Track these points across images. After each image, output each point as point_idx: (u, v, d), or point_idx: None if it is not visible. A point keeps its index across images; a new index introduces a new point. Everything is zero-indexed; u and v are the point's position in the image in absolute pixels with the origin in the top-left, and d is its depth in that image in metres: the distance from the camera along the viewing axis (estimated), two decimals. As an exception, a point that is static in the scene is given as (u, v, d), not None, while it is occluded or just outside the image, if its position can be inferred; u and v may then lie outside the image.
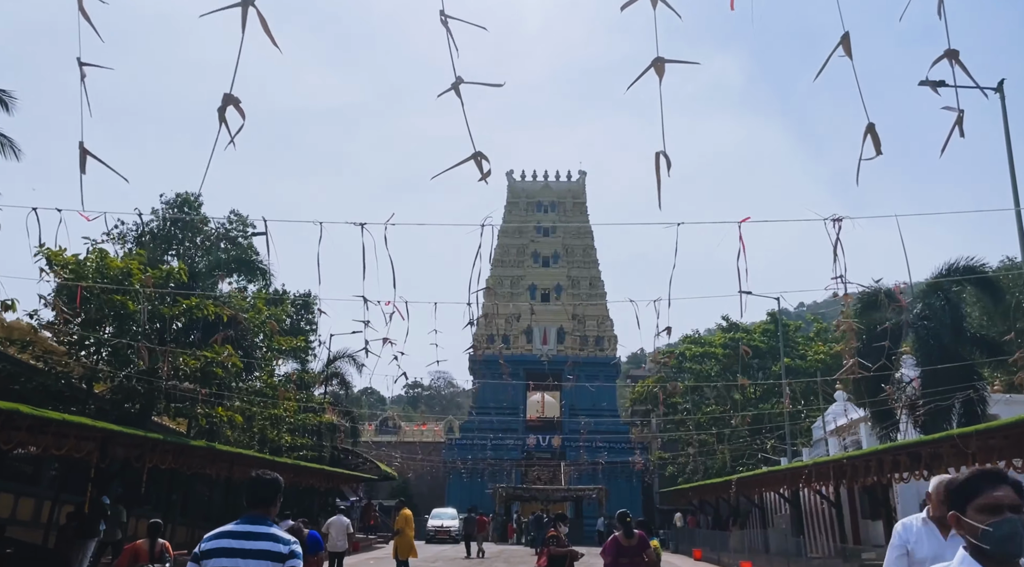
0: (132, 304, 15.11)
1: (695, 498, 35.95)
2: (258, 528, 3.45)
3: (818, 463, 16.02)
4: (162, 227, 35.07)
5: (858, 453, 14.84)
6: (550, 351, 56.25)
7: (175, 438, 15.60)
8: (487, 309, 59.15)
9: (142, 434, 13.68)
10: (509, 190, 64.56)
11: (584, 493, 40.49)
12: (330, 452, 31.42)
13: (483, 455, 49.29)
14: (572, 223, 61.62)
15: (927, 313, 19.26)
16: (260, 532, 3.43)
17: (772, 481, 20.80)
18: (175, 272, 16.53)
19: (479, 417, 52.54)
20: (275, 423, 23.37)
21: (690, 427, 39.26)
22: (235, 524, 3.49)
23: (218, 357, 16.17)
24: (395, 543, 15.59)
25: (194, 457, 16.46)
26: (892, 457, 14.40)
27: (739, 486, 23.20)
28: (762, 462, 31.67)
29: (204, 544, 3.43)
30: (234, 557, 3.33)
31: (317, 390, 33.56)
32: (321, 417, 27.84)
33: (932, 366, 18.18)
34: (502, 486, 41.70)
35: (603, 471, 46.81)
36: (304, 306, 39.74)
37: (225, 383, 17.39)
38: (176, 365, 15.74)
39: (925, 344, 18.87)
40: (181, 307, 16.25)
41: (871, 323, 19.92)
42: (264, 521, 3.50)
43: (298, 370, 29.73)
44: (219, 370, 16.19)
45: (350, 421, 35.87)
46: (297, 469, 24.00)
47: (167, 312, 16.06)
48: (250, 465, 20.34)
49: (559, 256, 60.41)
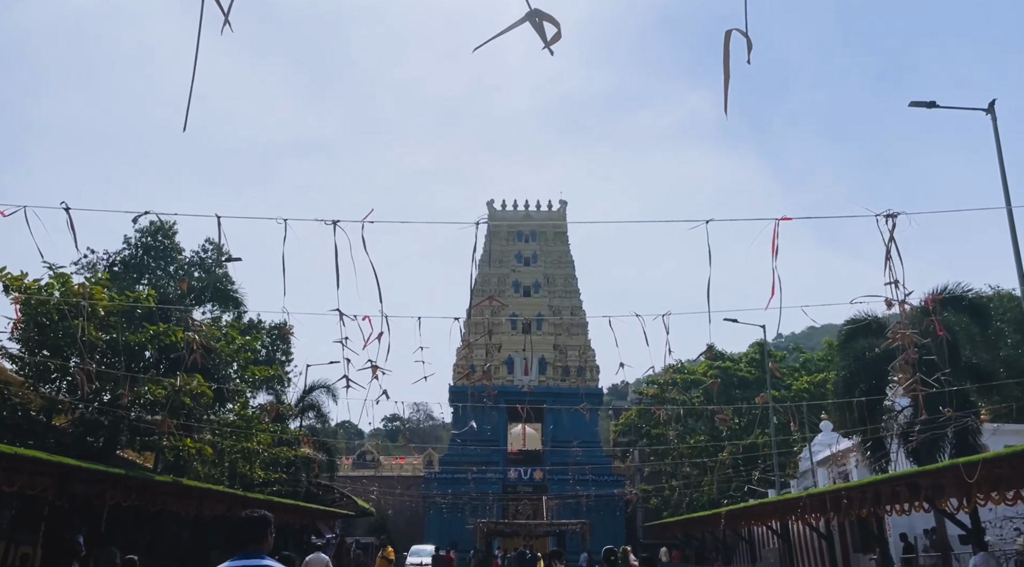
0: (94, 331, 14.31)
1: (680, 532, 35.17)
2: (254, 562, 3.53)
3: (812, 494, 15.49)
4: (134, 255, 34.16)
5: (855, 484, 14.34)
6: (531, 381, 55.45)
7: (138, 473, 14.71)
8: (467, 339, 58.60)
9: (102, 469, 12.82)
10: (489, 219, 64.36)
11: (567, 527, 39.50)
12: (305, 487, 30.32)
13: (463, 489, 48.17)
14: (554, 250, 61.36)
15: (917, 339, 18.93)
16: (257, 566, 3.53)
17: (763, 513, 20.21)
18: (143, 298, 15.77)
19: (459, 449, 51.47)
20: (247, 457, 22.39)
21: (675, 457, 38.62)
22: (232, 561, 3.56)
23: (187, 385, 15.36)
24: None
25: (159, 493, 15.55)
26: (890, 488, 13.92)
27: (728, 519, 22.57)
28: (748, 495, 31.06)
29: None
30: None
31: (293, 423, 32.54)
32: (296, 451, 26.86)
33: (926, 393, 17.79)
34: (483, 521, 40.59)
35: (586, 504, 45.88)
36: (279, 336, 38.84)
37: (194, 413, 16.53)
38: (140, 394, 14.90)
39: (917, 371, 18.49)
40: (148, 334, 15.46)
41: (859, 350, 19.59)
42: (259, 555, 3.60)
43: (272, 401, 28.78)
44: (187, 399, 15.36)
45: (327, 454, 34.77)
46: (270, 505, 22.96)
47: (133, 339, 15.27)
48: (220, 501, 19.40)
49: (540, 286, 60.01)
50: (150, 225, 36.54)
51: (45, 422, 15.52)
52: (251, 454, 22.94)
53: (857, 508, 15.91)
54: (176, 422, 15.51)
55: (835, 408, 20.14)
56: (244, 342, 26.08)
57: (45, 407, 15.41)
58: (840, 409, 19.20)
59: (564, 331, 58.74)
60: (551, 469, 49.85)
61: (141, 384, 15.02)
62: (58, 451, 15.07)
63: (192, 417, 16.59)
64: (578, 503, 45.88)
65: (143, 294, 15.56)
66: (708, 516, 25.47)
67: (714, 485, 33.19)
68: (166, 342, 15.77)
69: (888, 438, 18.33)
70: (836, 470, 24.01)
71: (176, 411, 15.37)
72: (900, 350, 15.33)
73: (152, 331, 15.56)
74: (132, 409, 14.73)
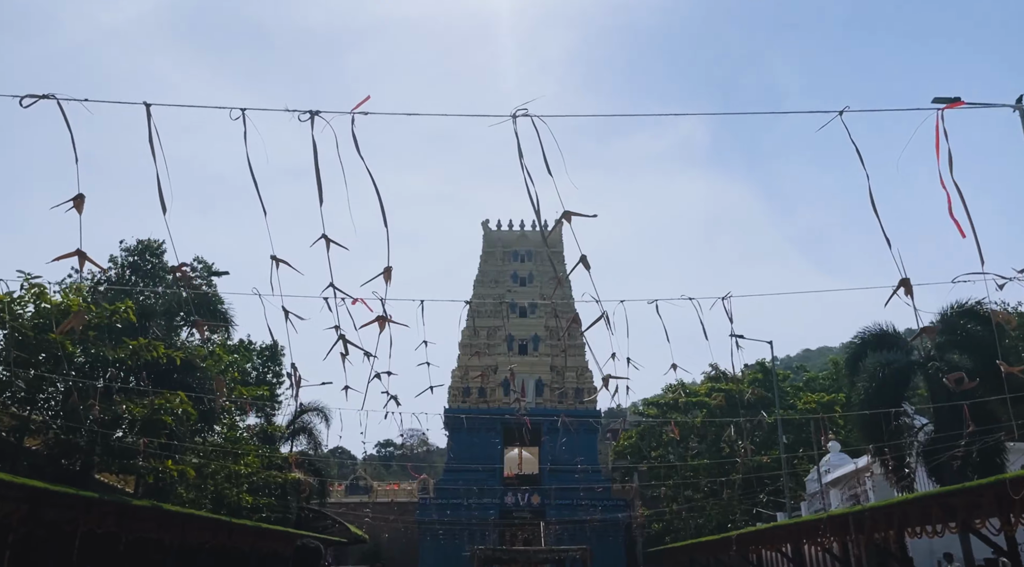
0: (71, 346, 13.39)
1: (685, 558, 33.98)
2: None
3: (834, 516, 14.58)
4: (121, 275, 33.25)
5: (882, 504, 13.43)
6: (528, 404, 54.31)
7: (114, 497, 13.68)
8: (462, 361, 57.53)
9: (73, 492, 11.82)
10: (485, 240, 63.57)
11: (567, 554, 38.22)
12: (296, 513, 29.14)
13: (459, 515, 46.83)
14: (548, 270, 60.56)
15: (935, 353, 18.13)
16: None
17: (776, 537, 19.23)
18: (121, 310, 14.85)
19: (453, 475, 50.17)
20: (234, 480, 21.32)
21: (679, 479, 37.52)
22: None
23: (168, 404, 14.39)
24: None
25: (137, 519, 14.50)
26: (920, 508, 13.00)
27: (739, 543, 21.54)
28: (755, 518, 30.01)
29: None
30: None
31: (283, 446, 31.44)
32: (286, 474, 25.76)
33: (946, 410, 16.95)
34: (480, 547, 39.27)
35: (584, 529, 44.60)
36: (271, 357, 37.80)
37: (177, 434, 15.55)
38: (117, 413, 13.92)
39: (937, 386, 17.68)
40: (127, 349, 14.52)
41: (875, 366, 18.75)
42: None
43: (262, 424, 27.71)
44: (168, 418, 14.38)
45: (318, 478, 33.59)
46: (258, 532, 21.86)
47: (111, 355, 14.33)
48: (204, 528, 18.31)
49: (536, 306, 59.10)
50: (137, 244, 35.64)
51: (16, 444, 14.50)
52: (238, 478, 21.88)
53: (883, 530, 15.00)
54: (158, 441, 14.51)
55: (852, 426, 19.24)
56: (232, 361, 25.12)
57: (16, 427, 14.41)
58: (856, 427, 18.30)
59: (561, 352, 57.72)
60: (549, 493, 48.57)
61: (118, 402, 14.05)
62: (31, 475, 14.07)
63: (175, 438, 15.60)
64: (577, 528, 44.60)
65: (119, 306, 14.62)
66: (717, 541, 24.43)
67: (721, 509, 32.10)
68: (147, 358, 14.83)
69: (910, 456, 17.44)
70: (849, 491, 23.05)
71: (156, 431, 14.38)
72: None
73: (132, 346, 14.62)
74: (103, 425, 13.71)
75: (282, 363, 36.97)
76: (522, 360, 56.43)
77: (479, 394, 55.51)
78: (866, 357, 18.48)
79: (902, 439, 17.26)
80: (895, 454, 17.31)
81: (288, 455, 28.10)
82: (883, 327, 18.81)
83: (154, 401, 14.24)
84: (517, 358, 56.51)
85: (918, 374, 17.80)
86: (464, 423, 52.55)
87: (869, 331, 18.87)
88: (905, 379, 17.49)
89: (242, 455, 21.32)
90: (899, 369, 17.44)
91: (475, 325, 58.50)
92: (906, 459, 17.48)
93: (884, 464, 17.46)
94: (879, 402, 17.81)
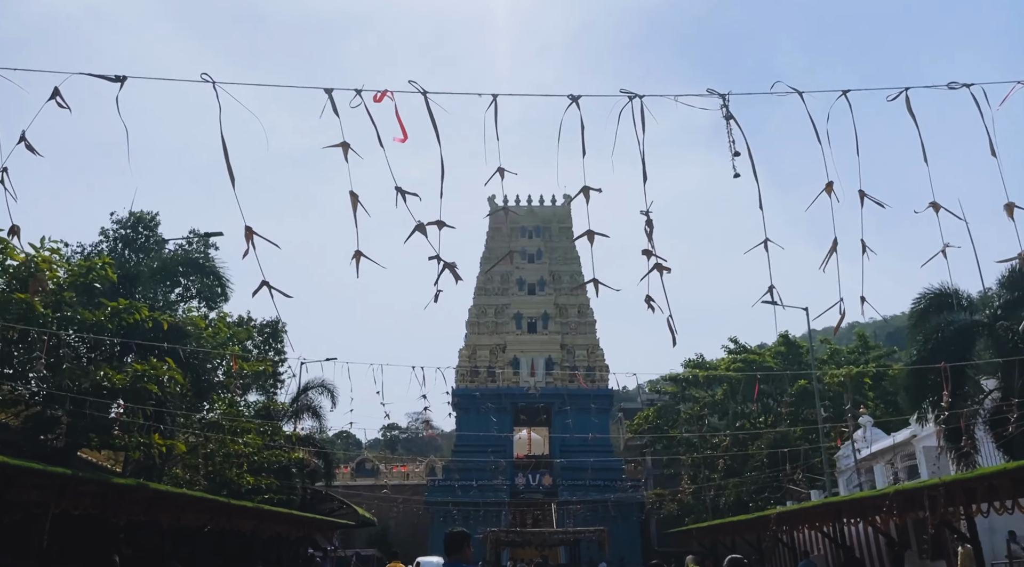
0: (39, 305, 11.79)
1: (708, 539, 32.49)
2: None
3: (903, 491, 12.99)
4: (112, 248, 31.60)
5: (969, 476, 11.82)
6: (538, 383, 52.80)
7: (93, 475, 12.12)
8: (470, 340, 55.96)
9: (39, 469, 10.22)
10: (491, 215, 61.79)
11: (583, 535, 36.82)
12: (300, 495, 27.67)
13: (469, 496, 45.46)
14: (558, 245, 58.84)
15: (1003, 313, 16.43)
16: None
17: (825, 516, 17.65)
18: (98, 268, 13.21)
19: (463, 457, 48.74)
20: (233, 460, 19.80)
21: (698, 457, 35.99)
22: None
23: (154, 371, 12.78)
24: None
25: (122, 501, 12.94)
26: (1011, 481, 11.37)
27: (777, 522, 20.00)
28: (786, 496, 28.49)
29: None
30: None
31: (286, 425, 29.91)
32: (290, 454, 24.25)
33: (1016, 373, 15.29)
34: (493, 530, 37.88)
35: (597, 511, 43.21)
36: (272, 334, 36.23)
37: (166, 406, 13.95)
38: (95, 379, 12.30)
39: (1005, 348, 15.98)
40: (106, 311, 12.90)
41: (933, 329, 17.04)
42: (458, 564, 5.02)
43: (263, 400, 26.19)
44: (153, 387, 12.77)
45: (324, 460, 32.10)
46: (260, 514, 20.36)
47: (88, 317, 12.70)
48: (201, 510, 16.81)
49: (545, 283, 57.41)
50: (129, 216, 33.89)
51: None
52: (238, 457, 20.36)
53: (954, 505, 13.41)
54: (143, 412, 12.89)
55: (907, 394, 17.60)
56: (233, 332, 23.55)
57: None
58: (912, 395, 16.65)
59: (571, 330, 56.15)
60: (561, 474, 47.17)
61: (96, 369, 12.44)
62: (7, 452, 12.51)
63: (164, 410, 14.01)
64: (590, 509, 43.20)
65: (95, 263, 12.98)
66: (751, 520, 22.90)
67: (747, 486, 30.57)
68: (129, 322, 13.21)
69: (976, 425, 15.79)
70: (901, 464, 21.44)
71: (140, 401, 12.78)
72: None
73: (112, 308, 12.99)
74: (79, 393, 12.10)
75: (284, 341, 35.45)
76: (531, 338, 54.91)
77: (488, 374, 54.02)
78: (929, 321, 16.78)
79: (965, 406, 15.59)
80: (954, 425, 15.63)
81: (292, 434, 26.61)
82: (944, 288, 17.09)
83: (137, 367, 12.62)
84: (526, 336, 55.00)
85: (984, 336, 16.09)
86: (473, 403, 51.23)
87: (931, 291, 17.16)
88: (969, 340, 15.83)
89: (242, 433, 19.79)
90: (962, 329, 15.77)
91: (483, 303, 56.92)
92: (970, 428, 15.82)
93: (945, 434, 15.83)
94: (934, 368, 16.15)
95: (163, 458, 16.10)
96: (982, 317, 16.26)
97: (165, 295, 27.17)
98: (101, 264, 12.82)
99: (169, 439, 14.28)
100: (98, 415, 12.35)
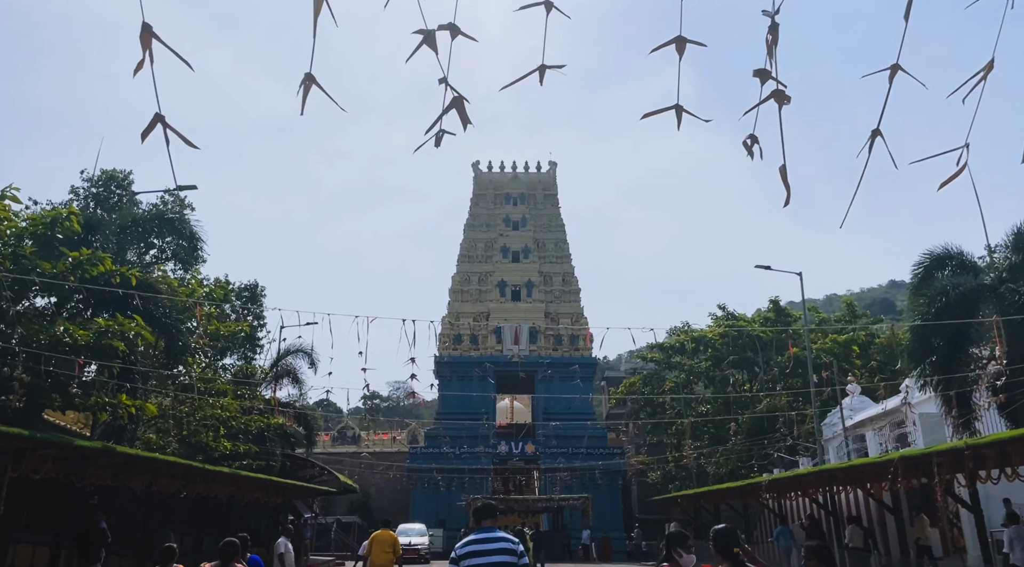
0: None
1: (691, 506, 32.31)
2: (496, 533, 5.02)
3: (909, 457, 12.52)
4: (85, 208, 30.31)
5: (991, 440, 11.33)
6: (522, 351, 52.31)
7: (51, 436, 11.28)
8: (453, 307, 55.19)
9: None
10: (475, 182, 60.62)
11: (567, 502, 36.61)
12: (280, 461, 26.97)
13: (451, 464, 45.12)
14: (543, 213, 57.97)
15: (1008, 275, 15.94)
16: (496, 537, 4.98)
17: (819, 482, 17.27)
18: (63, 219, 12.23)
19: (445, 423, 48.29)
20: (210, 424, 19.00)
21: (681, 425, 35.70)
22: (475, 534, 4.99)
23: (120, 327, 11.88)
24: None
25: (89, 465, 12.14)
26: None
27: (771, 489, 19.63)
28: (773, 464, 28.28)
29: (459, 550, 4.88)
30: (484, 556, 4.75)
31: (265, 391, 29.11)
32: (268, 419, 23.49)
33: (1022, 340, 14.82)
34: (476, 497, 37.54)
35: (580, 478, 43.08)
36: (251, 298, 35.25)
37: (134, 364, 13.09)
38: (57, 336, 11.38)
39: (1010, 313, 15.50)
40: (67, 262, 11.94)
41: (938, 291, 16.52)
42: (494, 530, 5.07)
43: (240, 364, 25.36)
44: (119, 344, 11.89)
45: (304, 425, 31.39)
46: (237, 480, 19.62)
47: (48, 268, 11.73)
48: (175, 475, 16.05)
49: (530, 251, 56.63)
50: (101, 174, 32.55)
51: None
52: (214, 422, 19.56)
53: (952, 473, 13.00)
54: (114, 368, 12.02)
55: (910, 358, 17.13)
56: (209, 290, 22.61)
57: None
58: (917, 360, 16.16)
59: (555, 298, 55.54)
60: (544, 442, 46.92)
61: (56, 323, 11.53)
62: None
63: (132, 367, 13.14)
64: (573, 477, 43.04)
65: (61, 212, 11.99)
66: (738, 487, 22.57)
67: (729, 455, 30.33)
68: (92, 273, 12.26)
69: (977, 391, 15.36)
70: (892, 432, 21.13)
71: (106, 359, 11.90)
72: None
73: (73, 259, 12.03)
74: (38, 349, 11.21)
75: (263, 304, 34.52)
76: (515, 306, 54.26)
77: (471, 342, 53.39)
78: (931, 283, 16.25)
79: (966, 372, 15.16)
80: (959, 390, 15.20)
81: (271, 398, 25.83)
82: (947, 249, 16.53)
83: (100, 322, 11.73)
84: (510, 304, 54.35)
85: (988, 301, 15.58)
86: (456, 371, 50.69)
87: (934, 253, 16.60)
88: (973, 304, 15.32)
89: (217, 396, 18.98)
90: (966, 292, 15.25)
91: (466, 271, 56.10)
92: (974, 394, 15.41)
93: (947, 400, 15.40)
94: (941, 330, 15.68)
95: (134, 421, 15.26)
96: (988, 280, 15.76)
97: (140, 256, 26.09)
98: (67, 214, 11.84)
99: (138, 400, 13.43)
100: (58, 372, 11.47)
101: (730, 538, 4.68)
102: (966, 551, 17.21)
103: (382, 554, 11.42)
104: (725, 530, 4.72)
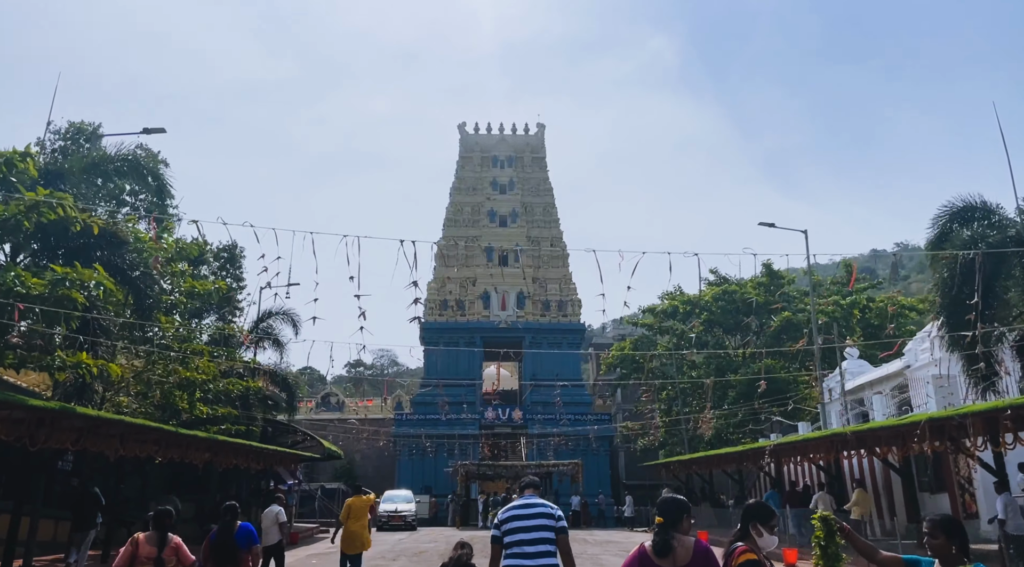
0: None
1: (682, 472, 31.80)
2: (534, 500, 5.10)
3: (935, 418, 11.71)
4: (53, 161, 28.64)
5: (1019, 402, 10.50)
6: (509, 317, 51.41)
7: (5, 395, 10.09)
8: (439, 273, 54.01)
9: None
10: (461, 144, 58.99)
11: (556, 468, 36.01)
12: (261, 427, 25.94)
13: (437, 430, 44.37)
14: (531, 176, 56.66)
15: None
16: (537, 503, 5.06)
17: (827, 447, 16.52)
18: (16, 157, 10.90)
19: (432, 390, 47.43)
20: (185, 387, 17.88)
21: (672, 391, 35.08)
22: (517, 500, 5.16)
23: (78, 277, 10.66)
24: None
25: (45, 427, 11.01)
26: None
27: (775, 454, 18.90)
28: (770, 430, 27.66)
29: (501, 515, 5.04)
30: (525, 519, 4.91)
31: (245, 353, 27.94)
32: (248, 382, 22.40)
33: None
34: (463, 463, 36.86)
35: (568, 445, 42.52)
36: (229, 259, 33.85)
37: (97, 319, 11.90)
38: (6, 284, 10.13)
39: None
40: (21, 205, 10.66)
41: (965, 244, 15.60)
42: (534, 497, 5.16)
43: (217, 324, 24.15)
44: (77, 295, 10.66)
45: (286, 390, 30.32)
46: (215, 445, 18.60)
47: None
48: (146, 439, 14.97)
49: (518, 215, 55.39)
50: (69, 127, 30.75)
51: None
52: (191, 385, 18.43)
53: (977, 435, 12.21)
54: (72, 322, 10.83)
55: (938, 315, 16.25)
56: (182, 247, 21.33)
57: None
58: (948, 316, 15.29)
59: (543, 263, 54.51)
60: (531, 408, 46.27)
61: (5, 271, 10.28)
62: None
63: (92, 325, 11.96)
64: (560, 443, 42.47)
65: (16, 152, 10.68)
66: (736, 453, 21.90)
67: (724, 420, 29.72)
68: (50, 217, 10.99)
69: (1001, 352, 14.57)
70: (899, 396, 20.45)
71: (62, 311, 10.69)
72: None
73: (30, 200, 10.73)
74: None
75: (242, 267, 33.12)
76: (502, 271, 53.15)
77: (457, 307, 52.38)
78: (952, 238, 15.36)
79: (992, 332, 14.33)
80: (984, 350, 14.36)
81: (251, 361, 24.71)
82: (969, 201, 15.58)
83: (56, 269, 10.49)
84: (496, 269, 53.22)
85: (1014, 260, 14.69)
86: (442, 337, 49.72)
87: (955, 205, 15.67)
88: (997, 260, 14.46)
89: (192, 357, 17.82)
90: (991, 246, 14.37)
91: (452, 235, 54.83)
92: (996, 356, 14.62)
93: (969, 360, 14.60)
94: (964, 288, 14.82)
95: (101, 382, 14.11)
96: (1014, 234, 14.86)
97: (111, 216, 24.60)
98: (23, 155, 10.51)
99: (102, 358, 12.25)
100: (10, 323, 10.23)
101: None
102: (978, 517, 16.63)
103: (356, 522, 10.71)
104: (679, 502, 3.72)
